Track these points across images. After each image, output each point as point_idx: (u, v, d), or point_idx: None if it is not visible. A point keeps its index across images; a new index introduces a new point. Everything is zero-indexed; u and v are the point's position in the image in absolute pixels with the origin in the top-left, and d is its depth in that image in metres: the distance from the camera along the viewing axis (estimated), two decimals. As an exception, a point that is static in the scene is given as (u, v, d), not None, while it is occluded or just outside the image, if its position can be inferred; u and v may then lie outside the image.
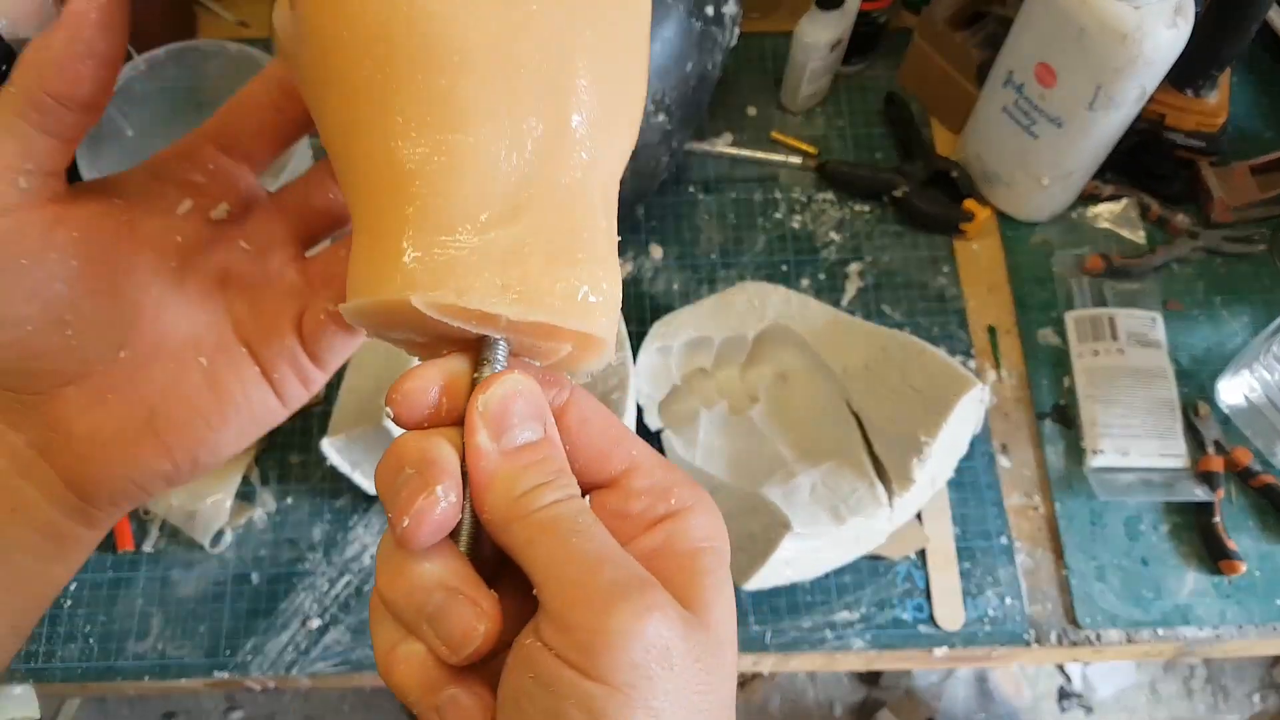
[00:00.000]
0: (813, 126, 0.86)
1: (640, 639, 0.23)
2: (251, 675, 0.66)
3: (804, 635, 0.66)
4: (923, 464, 0.63)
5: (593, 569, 0.23)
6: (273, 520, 0.70)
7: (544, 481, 0.25)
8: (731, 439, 0.71)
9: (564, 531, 0.24)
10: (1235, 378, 0.71)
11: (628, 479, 0.27)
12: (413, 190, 0.24)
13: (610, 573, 0.23)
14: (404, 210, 0.24)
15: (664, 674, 0.23)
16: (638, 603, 0.23)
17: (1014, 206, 0.80)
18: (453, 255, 0.24)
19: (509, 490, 0.24)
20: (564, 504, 0.25)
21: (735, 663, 0.26)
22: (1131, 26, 0.61)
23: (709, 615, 0.25)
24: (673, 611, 0.24)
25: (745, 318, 0.71)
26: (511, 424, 0.25)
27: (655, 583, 0.24)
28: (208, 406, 0.31)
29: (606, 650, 0.22)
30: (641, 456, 0.27)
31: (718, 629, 0.25)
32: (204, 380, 0.31)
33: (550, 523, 0.24)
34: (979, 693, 1.37)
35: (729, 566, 0.27)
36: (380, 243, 0.24)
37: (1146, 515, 0.69)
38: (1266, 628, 0.66)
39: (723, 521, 0.28)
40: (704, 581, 0.25)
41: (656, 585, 0.24)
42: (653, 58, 0.65)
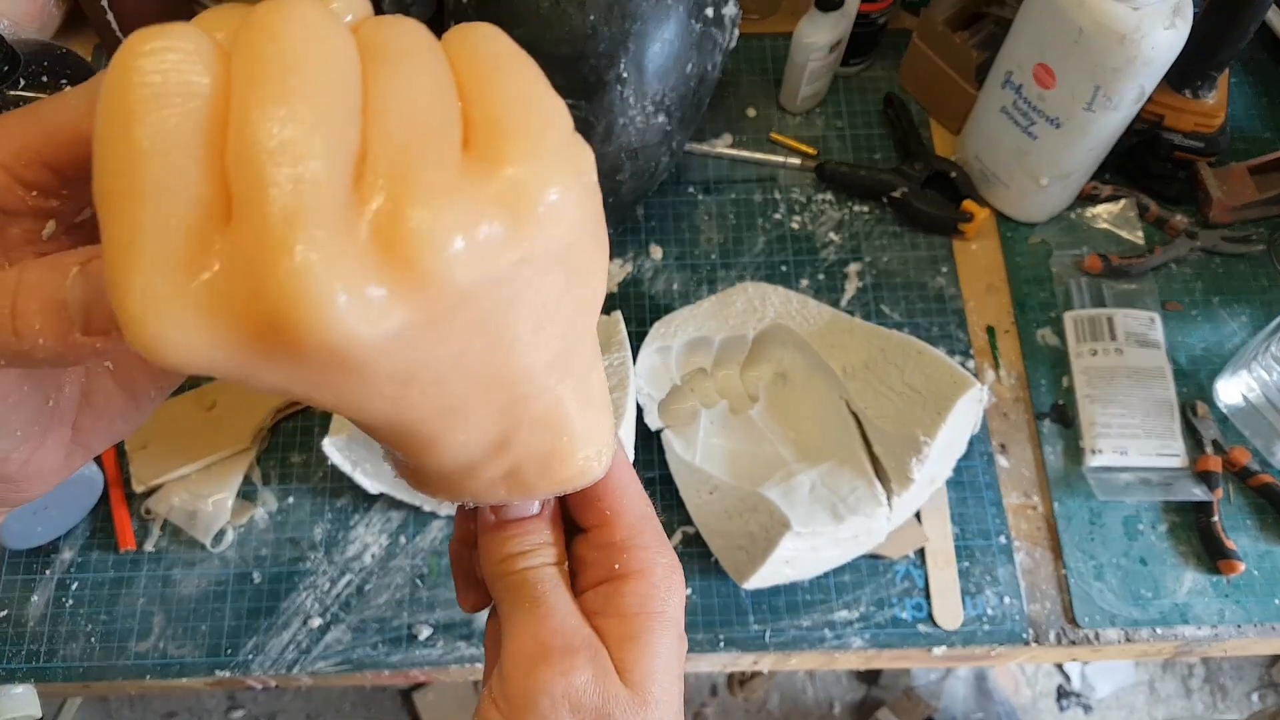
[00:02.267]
0: (812, 127, 0.86)
1: (550, 697, 0.27)
2: (253, 674, 0.66)
3: (803, 634, 0.67)
4: (922, 463, 0.63)
5: (534, 631, 0.28)
6: (274, 519, 0.70)
7: (522, 550, 0.29)
8: (731, 439, 0.71)
9: (525, 595, 0.29)
10: (1233, 377, 0.71)
11: (597, 531, 0.30)
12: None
13: (546, 636, 0.28)
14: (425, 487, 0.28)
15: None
16: (556, 666, 0.27)
17: (1013, 207, 0.80)
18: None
19: (494, 553, 0.29)
20: (533, 571, 0.29)
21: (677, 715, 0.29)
22: (1130, 27, 0.61)
23: (634, 678, 0.28)
24: (587, 676, 0.27)
25: (745, 318, 0.71)
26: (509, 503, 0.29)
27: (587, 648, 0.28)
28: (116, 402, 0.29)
29: (523, 706, 0.27)
30: (618, 511, 0.30)
31: (643, 692, 0.28)
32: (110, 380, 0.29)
33: (517, 586, 0.29)
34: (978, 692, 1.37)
35: (675, 626, 0.29)
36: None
37: (1145, 515, 0.70)
38: (1265, 627, 0.67)
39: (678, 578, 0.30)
40: (634, 646, 0.28)
41: (583, 651, 0.27)
42: (653, 59, 0.65)
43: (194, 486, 0.69)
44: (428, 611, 0.68)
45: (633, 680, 0.28)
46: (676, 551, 0.68)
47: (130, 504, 0.70)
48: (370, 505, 0.71)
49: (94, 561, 0.69)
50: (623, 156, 0.69)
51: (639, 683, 0.28)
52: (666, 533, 0.69)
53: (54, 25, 0.88)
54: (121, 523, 0.69)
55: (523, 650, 0.28)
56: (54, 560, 0.69)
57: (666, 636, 0.29)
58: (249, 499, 0.71)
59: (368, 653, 0.67)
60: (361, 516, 0.70)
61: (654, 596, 0.29)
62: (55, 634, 0.67)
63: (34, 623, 0.67)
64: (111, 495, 0.70)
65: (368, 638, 0.67)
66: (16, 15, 0.84)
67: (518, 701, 0.27)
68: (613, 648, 0.28)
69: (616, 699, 0.27)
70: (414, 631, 0.67)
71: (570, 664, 0.27)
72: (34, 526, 0.66)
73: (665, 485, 0.70)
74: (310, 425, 0.74)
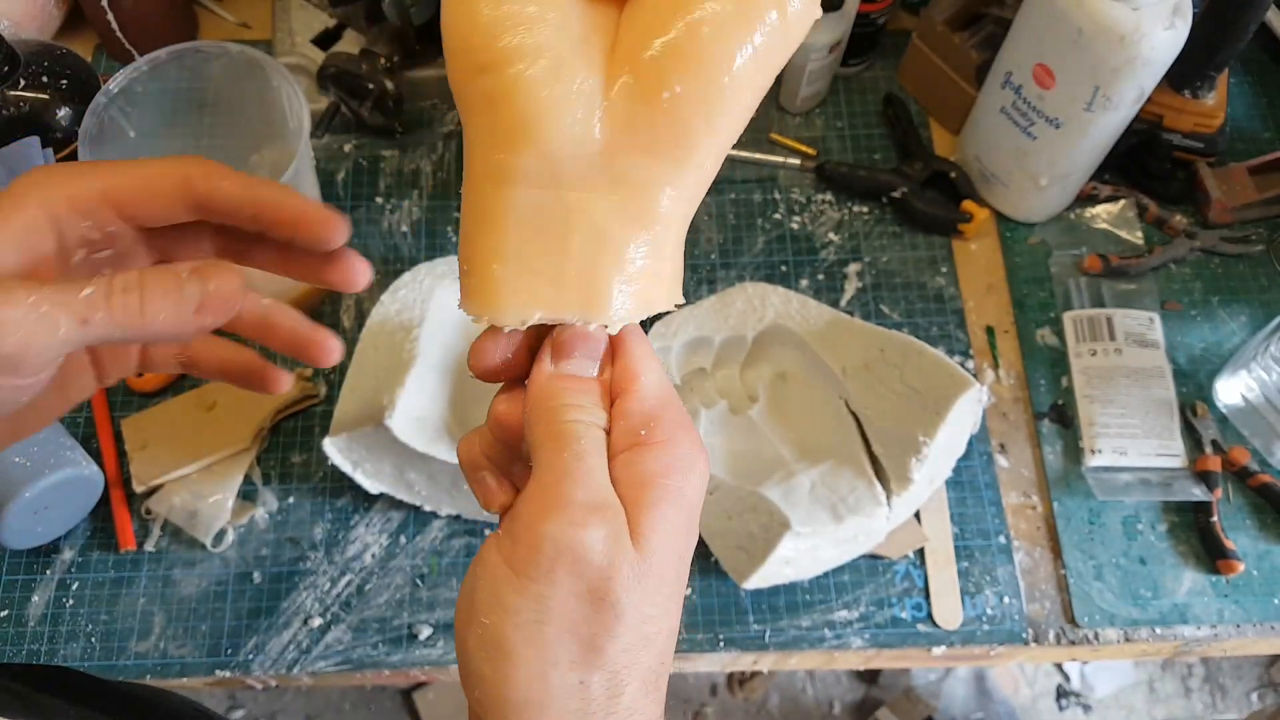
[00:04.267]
0: (812, 127, 0.86)
1: (555, 544, 0.27)
2: (253, 674, 0.66)
3: (803, 634, 0.67)
4: (921, 464, 0.63)
5: (562, 479, 0.28)
6: (274, 519, 0.70)
7: (574, 403, 0.29)
8: (731, 439, 0.71)
9: (564, 444, 0.29)
10: (1233, 377, 0.72)
11: (624, 400, 0.30)
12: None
13: (570, 488, 0.28)
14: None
15: (568, 580, 0.27)
16: (573, 516, 0.27)
17: (1012, 207, 0.80)
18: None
19: (546, 399, 0.30)
20: (579, 425, 0.29)
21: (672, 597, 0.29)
22: (1129, 28, 0.61)
23: (644, 545, 0.28)
24: (600, 534, 0.27)
25: (745, 318, 0.71)
26: (572, 355, 0.30)
27: (610, 509, 0.28)
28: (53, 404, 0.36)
29: (529, 546, 0.27)
30: (646, 385, 0.30)
31: (650, 560, 0.28)
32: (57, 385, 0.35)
33: (559, 434, 0.29)
34: (977, 691, 1.37)
35: (688, 508, 0.30)
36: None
37: (1144, 515, 0.70)
38: (1264, 626, 0.67)
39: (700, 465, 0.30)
40: (646, 514, 0.28)
41: (605, 510, 0.28)
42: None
43: (194, 486, 0.69)
44: (428, 611, 0.68)
45: (643, 548, 0.28)
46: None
47: (130, 504, 0.70)
48: (370, 505, 0.71)
49: (94, 561, 0.69)
50: (623, 157, 0.69)
51: (648, 552, 0.28)
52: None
53: (54, 26, 0.88)
54: (122, 523, 0.69)
55: (546, 495, 0.28)
56: (54, 560, 0.69)
57: (679, 513, 0.29)
58: (249, 499, 0.71)
59: (368, 653, 0.67)
60: (362, 516, 0.70)
61: (675, 469, 0.29)
62: (55, 634, 0.67)
63: (34, 622, 0.67)
64: (112, 495, 0.70)
65: (368, 637, 0.67)
66: (16, 15, 0.84)
67: (523, 541, 0.28)
68: (631, 513, 0.28)
69: (625, 559, 0.27)
70: (414, 631, 0.67)
71: (587, 518, 0.27)
72: (34, 526, 0.66)
73: (665, 485, 0.70)
74: (310, 425, 0.74)
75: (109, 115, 0.70)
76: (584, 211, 0.29)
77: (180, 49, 0.71)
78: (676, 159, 0.28)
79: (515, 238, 0.29)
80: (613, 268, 0.29)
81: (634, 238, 0.29)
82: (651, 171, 0.28)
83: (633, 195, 0.29)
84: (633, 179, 0.28)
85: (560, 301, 0.29)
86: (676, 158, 0.28)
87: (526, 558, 0.27)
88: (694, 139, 0.28)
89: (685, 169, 0.29)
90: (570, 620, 0.27)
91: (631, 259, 0.29)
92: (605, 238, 0.29)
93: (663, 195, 0.29)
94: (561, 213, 0.29)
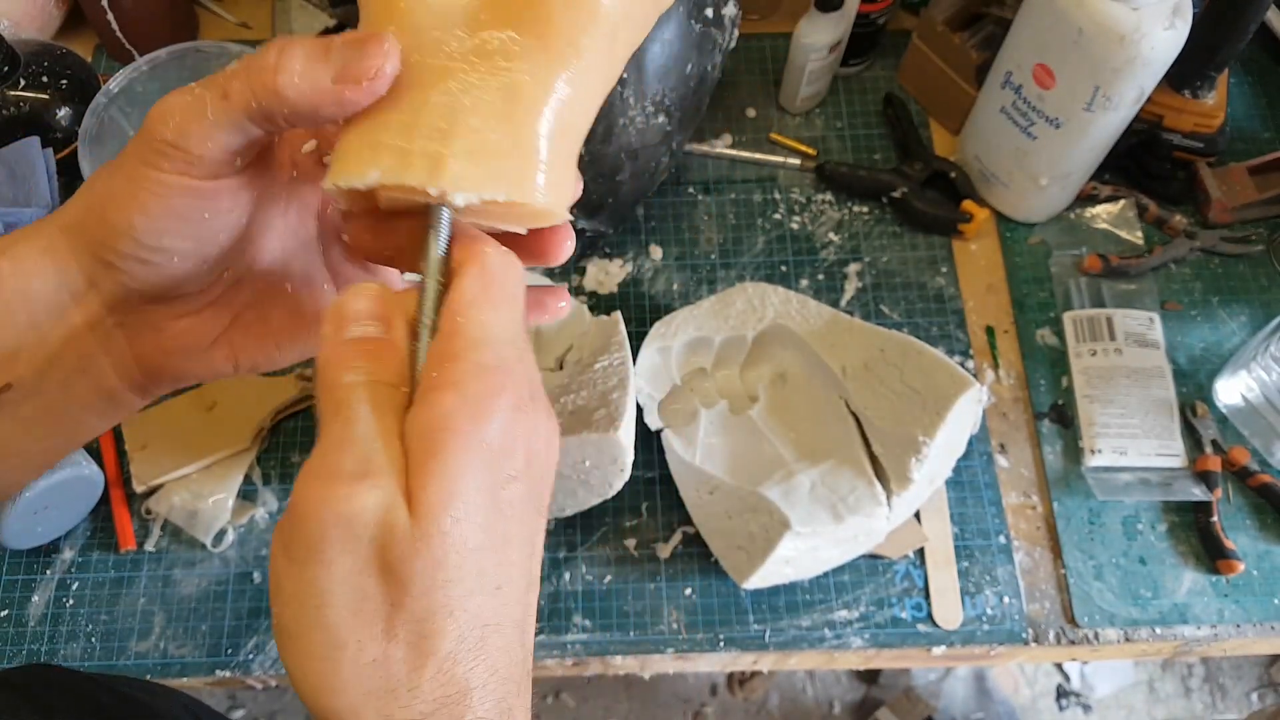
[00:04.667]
0: (812, 128, 0.86)
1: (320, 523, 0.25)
2: (253, 674, 0.66)
3: (803, 634, 0.67)
4: (921, 464, 0.63)
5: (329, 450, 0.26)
6: (274, 519, 0.70)
7: (350, 365, 0.28)
8: (731, 439, 0.71)
9: (335, 411, 0.27)
10: (1233, 378, 0.72)
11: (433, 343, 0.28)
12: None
13: (337, 459, 0.26)
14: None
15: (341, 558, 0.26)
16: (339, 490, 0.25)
17: (1012, 207, 0.80)
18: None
19: (322, 371, 0.28)
20: (354, 387, 0.27)
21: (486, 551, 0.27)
22: (1129, 28, 0.61)
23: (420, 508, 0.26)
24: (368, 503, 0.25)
25: (745, 318, 0.71)
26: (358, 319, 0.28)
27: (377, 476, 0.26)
28: (281, 328, 0.36)
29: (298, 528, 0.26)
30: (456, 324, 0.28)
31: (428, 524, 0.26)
32: (285, 305, 0.36)
33: (332, 402, 0.27)
34: (977, 691, 1.37)
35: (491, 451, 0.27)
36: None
37: (1144, 515, 0.70)
38: (1264, 626, 0.67)
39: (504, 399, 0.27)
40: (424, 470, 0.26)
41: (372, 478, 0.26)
42: (653, 59, 0.65)
43: (194, 486, 0.69)
44: (428, 611, 0.68)
45: (419, 510, 0.26)
46: (676, 552, 0.69)
47: (130, 504, 0.70)
48: (370, 505, 0.71)
49: (94, 561, 0.69)
50: (623, 157, 0.69)
51: (425, 513, 0.26)
52: (666, 533, 0.69)
53: (54, 26, 0.89)
54: (122, 522, 0.69)
55: (314, 470, 0.26)
56: (54, 560, 0.69)
57: (471, 460, 0.26)
58: (249, 499, 0.71)
59: (368, 652, 0.67)
60: (362, 516, 0.70)
61: (459, 413, 0.26)
62: (56, 634, 0.67)
63: (34, 622, 0.67)
64: (112, 495, 0.70)
65: (368, 637, 0.67)
66: (16, 15, 0.84)
67: (294, 524, 0.26)
68: (409, 472, 0.26)
69: (399, 525, 0.25)
70: (414, 631, 0.67)
71: (352, 490, 0.25)
72: (34, 526, 0.66)
73: (665, 485, 0.70)
74: (310, 425, 0.74)
75: (109, 115, 0.70)
76: (442, 82, 0.28)
77: (180, 49, 0.72)
78: (539, 35, 0.28)
79: (373, 104, 0.29)
80: (459, 138, 0.28)
81: (489, 114, 0.28)
82: (513, 48, 0.28)
83: (493, 71, 0.28)
84: (495, 54, 0.28)
85: (404, 164, 0.28)
86: (539, 33, 0.28)
87: (296, 541, 0.26)
88: (552, 16, 0.28)
89: (550, 49, 0.28)
90: (352, 599, 0.26)
91: (480, 133, 0.28)
92: (458, 109, 0.28)
93: (524, 74, 0.28)
94: (420, 82, 0.28)
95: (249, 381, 0.74)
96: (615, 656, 0.67)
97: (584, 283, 0.79)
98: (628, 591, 0.68)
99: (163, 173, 0.29)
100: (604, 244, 0.80)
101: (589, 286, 0.78)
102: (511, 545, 0.28)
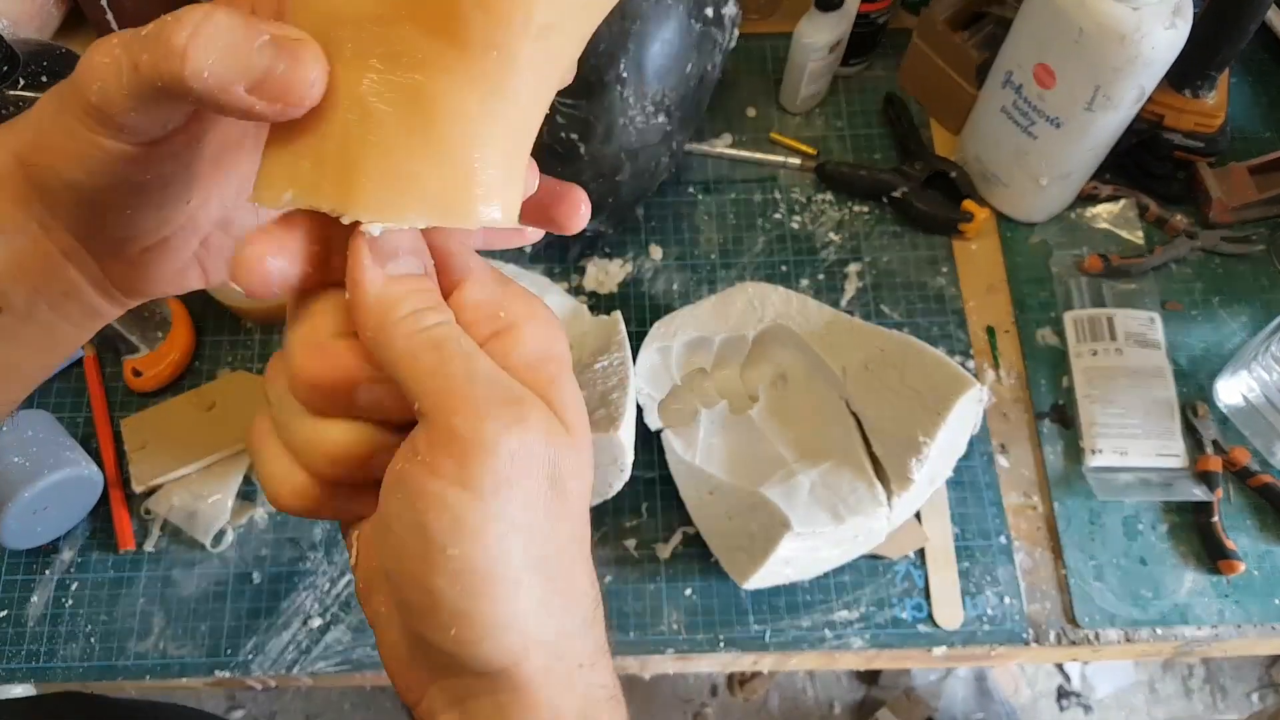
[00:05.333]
0: (812, 127, 0.86)
1: (505, 447, 0.25)
2: (253, 674, 0.66)
3: (803, 634, 0.67)
4: (921, 464, 0.63)
5: (474, 384, 0.25)
6: (274, 520, 0.70)
7: (429, 306, 0.26)
8: (731, 439, 0.71)
9: (449, 351, 0.26)
10: (1233, 378, 0.71)
11: (463, 291, 0.28)
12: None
13: (486, 389, 0.25)
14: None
15: (525, 481, 0.25)
16: (507, 416, 0.25)
17: (1012, 207, 0.80)
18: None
19: (391, 311, 0.26)
20: (447, 327, 0.26)
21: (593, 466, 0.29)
22: (1130, 27, 0.61)
23: (570, 423, 0.27)
24: (539, 424, 0.25)
25: (745, 318, 0.71)
26: (396, 254, 0.26)
27: (532, 399, 0.26)
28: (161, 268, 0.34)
29: (478, 458, 0.24)
30: (479, 268, 0.28)
31: (578, 435, 0.27)
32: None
33: (436, 342, 0.26)
34: (978, 692, 1.37)
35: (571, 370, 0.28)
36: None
37: (1145, 515, 0.70)
38: (1265, 627, 0.67)
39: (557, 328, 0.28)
40: (557, 393, 0.27)
41: (531, 401, 0.26)
42: (653, 59, 0.65)
43: (194, 486, 0.69)
44: (427, 612, 0.68)
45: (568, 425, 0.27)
46: (676, 553, 0.69)
47: (130, 504, 0.70)
48: (370, 505, 0.71)
49: (93, 562, 0.69)
50: (622, 156, 0.69)
51: (571, 423, 0.27)
52: (666, 534, 0.69)
53: (53, 25, 0.88)
54: (121, 523, 0.69)
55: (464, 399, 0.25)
56: (54, 560, 0.69)
57: (572, 380, 0.28)
58: (248, 499, 0.71)
59: (368, 653, 0.67)
60: (361, 517, 0.70)
61: (554, 338, 0.28)
62: (55, 634, 0.67)
63: (34, 623, 0.67)
64: (111, 495, 0.70)
65: (368, 638, 0.67)
66: (15, 15, 0.84)
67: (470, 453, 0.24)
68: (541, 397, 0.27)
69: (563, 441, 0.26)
70: (414, 632, 0.67)
71: (519, 413, 0.25)
72: (34, 526, 0.66)
73: (665, 485, 0.70)
74: (310, 425, 0.73)
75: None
76: (353, 87, 0.25)
77: (180, 49, 0.71)
78: (451, 34, 0.24)
79: None
80: (371, 158, 0.25)
81: (403, 127, 0.25)
82: (424, 50, 0.24)
83: (406, 75, 0.25)
84: (406, 57, 0.24)
85: (316, 183, 0.25)
86: (450, 32, 0.24)
87: (480, 472, 0.25)
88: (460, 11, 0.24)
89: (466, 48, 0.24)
90: (532, 520, 0.26)
91: (394, 150, 0.25)
92: (370, 119, 0.25)
93: (436, 81, 0.25)
94: (332, 86, 0.25)
95: (249, 381, 0.74)
96: (615, 657, 0.66)
97: (584, 283, 0.78)
98: (628, 592, 0.68)
99: (96, 135, 0.26)
100: (604, 244, 0.80)
101: (589, 286, 0.78)
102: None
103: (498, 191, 0.26)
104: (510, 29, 0.25)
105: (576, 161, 0.68)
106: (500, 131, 0.26)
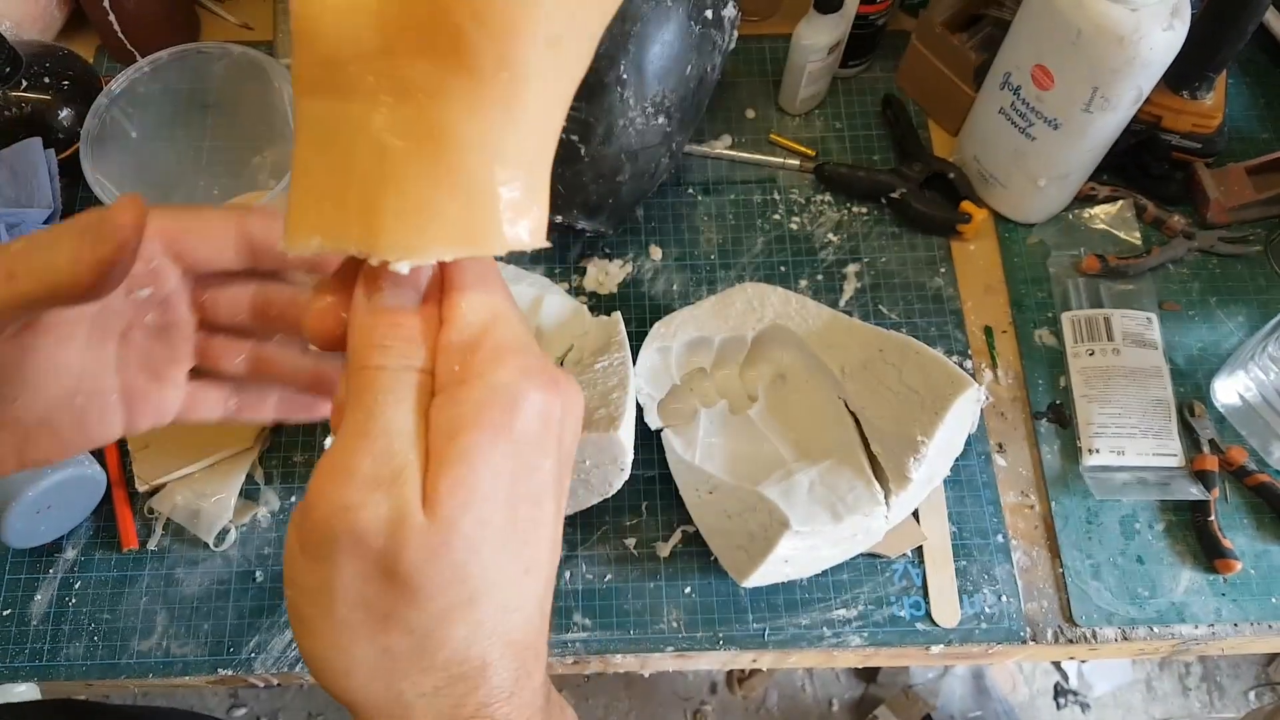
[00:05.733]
0: (811, 129, 0.86)
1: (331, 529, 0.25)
2: (255, 672, 0.67)
3: (802, 632, 0.67)
4: (919, 463, 0.63)
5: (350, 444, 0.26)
6: (276, 518, 0.71)
7: (381, 344, 0.26)
8: (730, 438, 0.71)
9: (361, 397, 0.26)
10: (1230, 377, 0.72)
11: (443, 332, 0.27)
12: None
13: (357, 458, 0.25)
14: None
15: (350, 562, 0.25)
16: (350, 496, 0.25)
17: (1011, 208, 0.80)
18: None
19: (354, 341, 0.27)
20: (382, 372, 0.26)
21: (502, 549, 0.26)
22: (1128, 29, 0.62)
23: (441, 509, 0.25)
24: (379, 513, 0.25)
25: (744, 318, 0.71)
26: (381, 287, 0.27)
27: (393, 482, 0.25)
28: (70, 436, 0.35)
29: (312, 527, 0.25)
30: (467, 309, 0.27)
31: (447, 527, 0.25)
32: (74, 417, 0.35)
33: (360, 384, 0.26)
34: (975, 690, 1.38)
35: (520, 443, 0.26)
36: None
37: (1142, 514, 0.70)
38: (1261, 625, 0.67)
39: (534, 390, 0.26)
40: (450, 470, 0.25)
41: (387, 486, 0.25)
42: (652, 60, 0.66)
43: (197, 485, 0.69)
44: (429, 610, 0.68)
45: (439, 511, 0.25)
46: (676, 551, 0.69)
47: (133, 503, 0.70)
48: (371, 504, 0.71)
49: (97, 560, 0.69)
50: (622, 158, 0.69)
51: (446, 515, 0.25)
52: (666, 532, 0.69)
53: (56, 27, 0.89)
54: (124, 522, 0.69)
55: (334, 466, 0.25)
56: (57, 559, 0.69)
57: (501, 454, 0.25)
58: (251, 498, 0.71)
59: (369, 651, 0.67)
60: (363, 516, 0.71)
61: (491, 404, 0.25)
62: (58, 633, 0.67)
63: (37, 621, 0.67)
64: (114, 494, 0.70)
65: (369, 636, 0.67)
66: (18, 17, 0.84)
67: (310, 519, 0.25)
68: (429, 471, 0.25)
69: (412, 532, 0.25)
70: (415, 630, 0.67)
71: (365, 497, 0.25)
72: (37, 526, 0.66)
73: (665, 485, 0.71)
74: (312, 424, 0.74)
75: (111, 116, 0.71)
76: (366, 125, 0.25)
77: (182, 50, 0.72)
78: (458, 59, 0.24)
79: (305, 154, 0.26)
80: (391, 195, 0.25)
81: (421, 160, 0.25)
82: (433, 80, 0.24)
83: (418, 107, 0.24)
84: (416, 88, 0.24)
85: (341, 227, 0.25)
86: (459, 63, 0.24)
87: (310, 538, 0.26)
88: (464, 36, 0.23)
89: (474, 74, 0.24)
90: (360, 597, 0.26)
91: (414, 186, 0.25)
92: (386, 156, 0.25)
93: (449, 110, 0.24)
94: (346, 125, 0.25)
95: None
96: (615, 655, 0.67)
97: (584, 283, 0.79)
98: (628, 590, 0.68)
99: None
100: (604, 244, 0.80)
101: (589, 286, 0.79)
102: (543, 526, 0.27)
103: (523, 211, 0.26)
104: (517, 47, 0.24)
105: (577, 163, 0.68)
106: (519, 150, 0.26)
